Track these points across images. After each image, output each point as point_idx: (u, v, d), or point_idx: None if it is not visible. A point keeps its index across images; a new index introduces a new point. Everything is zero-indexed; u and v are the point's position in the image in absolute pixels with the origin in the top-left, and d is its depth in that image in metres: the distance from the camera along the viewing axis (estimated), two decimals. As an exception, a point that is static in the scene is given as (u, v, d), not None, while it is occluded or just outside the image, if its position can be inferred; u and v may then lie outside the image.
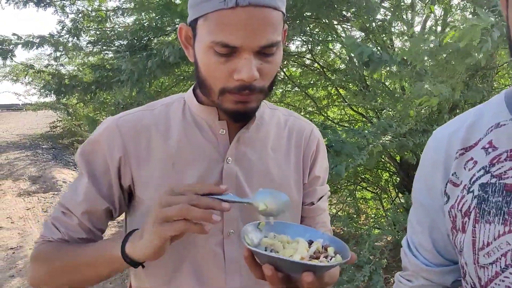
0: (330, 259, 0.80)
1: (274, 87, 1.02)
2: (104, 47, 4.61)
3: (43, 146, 12.74)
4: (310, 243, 0.85)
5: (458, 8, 4.11)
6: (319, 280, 0.80)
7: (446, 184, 0.83)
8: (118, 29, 4.93)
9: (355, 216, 4.69)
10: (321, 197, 1.15)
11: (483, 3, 2.66)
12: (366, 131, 2.97)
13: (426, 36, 2.74)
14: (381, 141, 2.95)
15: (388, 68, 2.84)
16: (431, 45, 2.30)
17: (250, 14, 0.83)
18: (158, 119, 1.04)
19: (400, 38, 4.71)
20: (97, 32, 4.85)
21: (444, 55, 2.62)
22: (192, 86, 1.08)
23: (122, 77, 3.50)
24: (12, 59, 4.50)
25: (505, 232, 0.73)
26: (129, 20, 5.06)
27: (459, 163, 0.82)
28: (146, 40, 4.16)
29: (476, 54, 2.15)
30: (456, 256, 0.86)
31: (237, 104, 0.91)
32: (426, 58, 2.75)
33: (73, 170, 9.75)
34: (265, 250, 0.82)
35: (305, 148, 1.12)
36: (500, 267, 0.74)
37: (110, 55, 4.88)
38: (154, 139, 1.01)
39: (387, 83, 4.17)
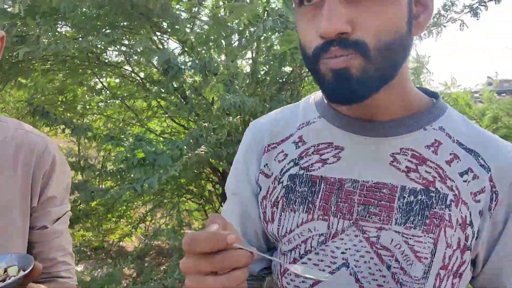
0: (10, 278, 0.74)
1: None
2: None
3: None
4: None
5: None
6: None
7: (259, 174, 0.86)
8: None
9: (179, 228, 4.66)
10: (57, 219, 1.04)
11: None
12: (180, 142, 2.97)
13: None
14: (196, 152, 2.97)
15: (192, 77, 2.89)
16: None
17: None
18: None
19: (219, 52, 4.85)
20: None
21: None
22: None
23: None
24: None
25: (308, 220, 0.77)
26: None
27: (270, 155, 0.86)
28: None
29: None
30: (265, 245, 0.90)
31: None
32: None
33: None
34: None
35: (36, 167, 1.00)
36: (299, 253, 0.77)
37: None
38: None
39: (205, 95, 4.24)
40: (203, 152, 2.99)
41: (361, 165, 0.77)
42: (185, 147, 2.80)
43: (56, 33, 2.86)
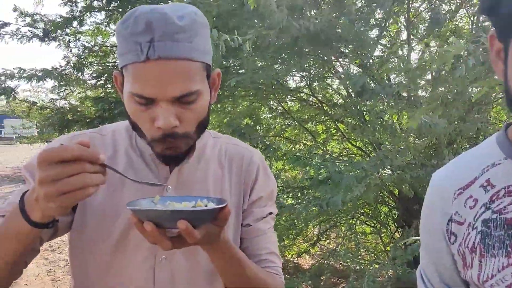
0: None
1: (206, 126, 1.03)
2: (107, 82, 4.68)
3: (39, 179, 12.65)
4: None
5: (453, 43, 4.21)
6: (201, 232, 0.81)
7: (448, 223, 0.87)
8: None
9: (355, 251, 4.67)
10: (260, 219, 1.15)
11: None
12: (364, 164, 3.01)
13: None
14: (379, 173, 2.98)
15: (383, 101, 2.92)
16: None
17: (162, 67, 0.87)
18: (107, 144, 1.07)
19: (397, 73, 4.82)
20: (100, 67, 4.93)
21: (440, 89, 2.67)
22: None
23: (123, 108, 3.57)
24: (15, 97, 4.55)
25: (509, 264, 0.77)
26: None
27: (459, 202, 0.86)
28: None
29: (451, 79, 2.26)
30: None
31: (165, 150, 0.95)
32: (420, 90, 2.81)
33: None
34: None
35: (244, 176, 1.14)
36: None
37: (111, 90, 4.96)
38: None
39: (385, 118, 4.23)
40: (386, 175, 2.99)
41: None
42: (370, 168, 2.83)
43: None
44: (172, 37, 0.87)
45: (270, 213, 1.18)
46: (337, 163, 3.25)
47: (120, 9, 4.17)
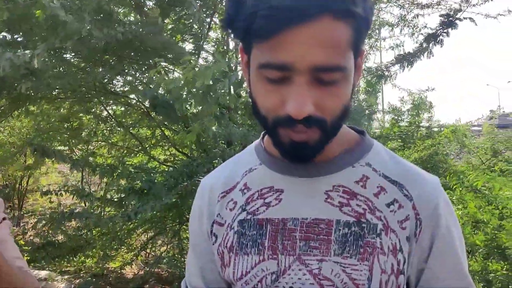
0: None
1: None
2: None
3: None
4: None
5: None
6: None
7: (212, 225, 0.92)
8: None
9: (179, 256, 4.66)
10: None
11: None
12: (174, 172, 3.03)
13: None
14: (192, 181, 3.02)
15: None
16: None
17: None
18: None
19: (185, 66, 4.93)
20: None
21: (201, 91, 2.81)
22: None
23: None
24: None
25: (260, 261, 0.83)
26: None
27: (222, 204, 0.91)
28: None
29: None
30: None
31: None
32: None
33: None
34: None
35: None
36: None
37: None
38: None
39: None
40: (199, 182, 3.04)
41: (300, 204, 0.84)
42: (181, 176, 2.86)
43: (63, 67, 2.97)
44: None
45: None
46: (152, 173, 3.21)
47: None
